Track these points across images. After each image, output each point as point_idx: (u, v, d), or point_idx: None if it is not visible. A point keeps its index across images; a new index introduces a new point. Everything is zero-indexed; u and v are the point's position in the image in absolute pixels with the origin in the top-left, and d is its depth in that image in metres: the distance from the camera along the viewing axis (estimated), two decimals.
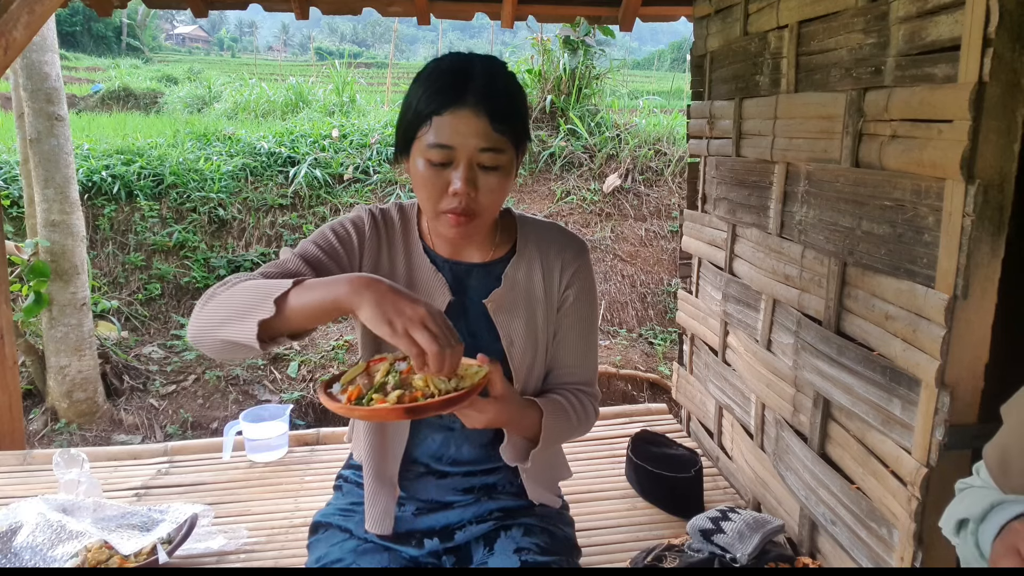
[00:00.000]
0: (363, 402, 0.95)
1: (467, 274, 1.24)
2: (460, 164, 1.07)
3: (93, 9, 2.77)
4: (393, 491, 1.27)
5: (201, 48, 42.13)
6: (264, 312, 0.94)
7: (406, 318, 0.91)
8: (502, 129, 1.07)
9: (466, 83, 1.06)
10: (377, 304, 0.91)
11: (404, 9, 2.93)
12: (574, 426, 1.25)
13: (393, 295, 0.92)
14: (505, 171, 1.10)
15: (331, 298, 0.94)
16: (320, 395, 0.98)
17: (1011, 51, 1.14)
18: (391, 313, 0.91)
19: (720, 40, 2.24)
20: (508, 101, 1.09)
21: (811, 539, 1.75)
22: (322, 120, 7.61)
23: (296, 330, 0.99)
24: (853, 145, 1.51)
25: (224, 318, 0.98)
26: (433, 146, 1.06)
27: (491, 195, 1.10)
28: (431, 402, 0.93)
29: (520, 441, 1.19)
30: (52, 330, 4.07)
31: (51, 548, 1.57)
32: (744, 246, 2.10)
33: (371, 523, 1.27)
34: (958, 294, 1.23)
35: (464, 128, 1.05)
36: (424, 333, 0.90)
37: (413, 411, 0.92)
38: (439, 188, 1.08)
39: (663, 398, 4.60)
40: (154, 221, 5.54)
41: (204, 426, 4.29)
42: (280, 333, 0.98)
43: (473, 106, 1.05)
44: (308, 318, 0.96)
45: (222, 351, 1.02)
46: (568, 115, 6.70)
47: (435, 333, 0.91)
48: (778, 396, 1.88)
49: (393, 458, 1.27)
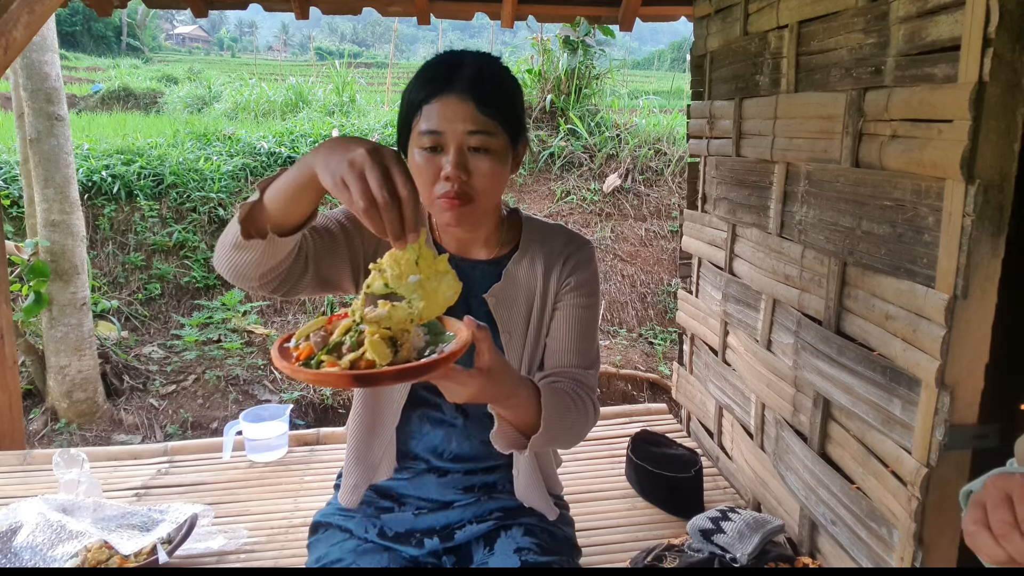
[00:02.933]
0: (311, 364, 0.81)
1: (472, 270, 1.25)
2: (450, 149, 1.07)
3: (93, 9, 2.77)
4: (370, 471, 1.28)
5: (201, 48, 42.13)
6: (251, 197, 0.96)
7: (345, 163, 0.80)
8: (490, 113, 1.08)
9: (454, 72, 1.09)
10: (328, 154, 0.83)
11: (404, 9, 2.93)
12: (573, 415, 1.15)
13: (343, 140, 0.84)
14: (497, 156, 1.10)
15: (296, 169, 0.90)
16: (273, 350, 0.84)
17: (1011, 51, 1.14)
18: (333, 160, 0.81)
19: (720, 40, 2.24)
20: (496, 87, 1.10)
21: (811, 539, 1.75)
22: (322, 120, 7.61)
23: (283, 221, 0.97)
24: (853, 145, 1.51)
25: (228, 230, 1.00)
26: (423, 133, 1.08)
27: (485, 179, 1.10)
28: (385, 370, 0.77)
29: (511, 431, 1.08)
30: (52, 330, 4.07)
31: (51, 548, 1.57)
32: (744, 246, 2.10)
33: (342, 495, 1.31)
34: (958, 294, 1.23)
35: (451, 113, 1.07)
36: (357, 183, 0.79)
37: (363, 379, 0.78)
38: (432, 175, 1.09)
39: (663, 398, 4.60)
40: (154, 221, 5.54)
41: (204, 426, 4.29)
42: (270, 223, 0.96)
43: (460, 92, 1.07)
44: (288, 201, 0.93)
45: (233, 262, 1.00)
46: (568, 115, 6.71)
47: (369, 183, 0.79)
48: (778, 396, 1.88)
49: (378, 439, 1.27)
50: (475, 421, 1.27)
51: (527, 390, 1.05)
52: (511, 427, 1.07)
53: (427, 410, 1.27)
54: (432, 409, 1.27)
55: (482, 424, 1.26)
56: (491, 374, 0.92)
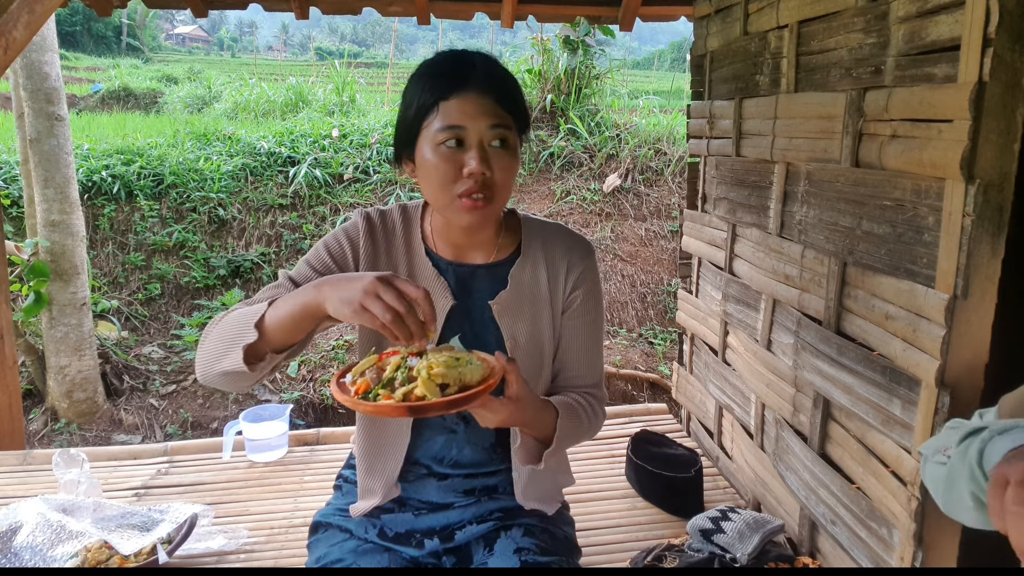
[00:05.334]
0: (369, 397, 0.95)
1: (471, 276, 1.24)
2: (472, 144, 1.08)
3: (93, 9, 2.77)
4: (388, 490, 1.28)
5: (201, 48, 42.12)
6: (248, 337, 1.01)
7: (360, 294, 0.93)
8: (508, 108, 1.10)
9: (468, 70, 1.09)
10: (334, 291, 0.96)
11: (404, 9, 2.93)
12: (585, 429, 1.24)
13: (347, 278, 0.96)
14: (513, 151, 1.12)
15: (299, 305, 0.99)
16: (332, 384, 0.99)
17: (1011, 51, 1.14)
18: (347, 295, 0.94)
19: (720, 40, 2.24)
20: (509, 84, 1.12)
21: (811, 539, 1.75)
22: (322, 120, 7.61)
23: (283, 345, 1.05)
24: (853, 145, 1.51)
25: (219, 353, 1.05)
26: (443, 129, 1.07)
27: (504, 174, 1.10)
28: (434, 402, 0.91)
29: (532, 443, 1.17)
30: (52, 330, 4.07)
31: (51, 548, 1.57)
32: (744, 246, 2.10)
33: (356, 511, 1.31)
34: (958, 294, 1.23)
35: (472, 109, 1.07)
36: (377, 304, 0.92)
37: (416, 410, 0.91)
38: (452, 172, 1.08)
39: (663, 398, 4.60)
40: (154, 221, 5.55)
41: (204, 426, 4.29)
42: (268, 352, 1.04)
43: (478, 88, 1.08)
44: (289, 331, 1.02)
45: (225, 383, 1.08)
46: (568, 115, 6.71)
47: (387, 303, 0.92)
48: (778, 396, 1.88)
49: (394, 459, 1.27)
50: (475, 428, 1.26)
51: (548, 413, 1.15)
52: (533, 440, 1.17)
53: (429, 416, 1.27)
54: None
55: (482, 432, 1.26)
56: (519, 403, 1.03)
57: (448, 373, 0.94)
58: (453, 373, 0.95)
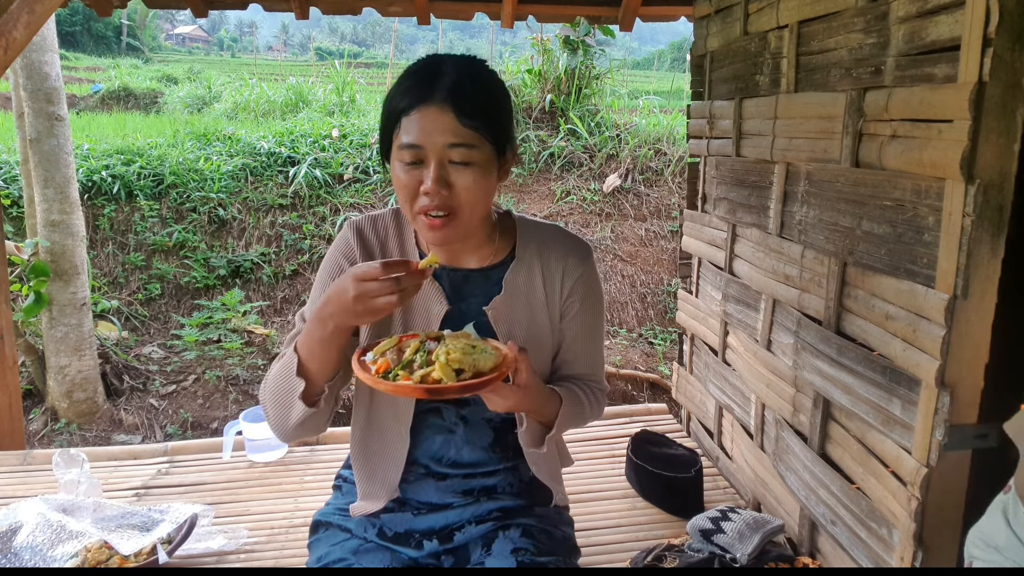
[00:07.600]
0: (389, 377, 1.00)
1: (465, 280, 1.23)
2: (430, 163, 1.06)
3: (93, 9, 2.77)
4: (389, 495, 1.28)
5: (201, 48, 42.11)
6: (298, 388, 1.10)
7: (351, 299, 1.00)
8: (472, 124, 1.05)
9: (433, 81, 1.06)
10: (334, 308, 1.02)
11: (404, 9, 2.93)
12: (586, 416, 1.29)
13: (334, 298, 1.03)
14: (481, 168, 1.07)
15: (317, 337, 1.07)
16: (353, 361, 1.04)
17: (1011, 51, 1.14)
18: (341, 303, 1.01)
19: (720, 40, 2.24)
20: (477, 95, 1.07)
21: (811, 539, 1.75)
22: (322, 120, 7.60)
23: (330, 375, 1.12)
24: (853, 145, 1.51)
25: (283, 415, 1.14)
26: (404, 147, 1.06)
27: (468, 192, 1.07)
28: (450, 385, 0.96)
29: (537, 427, 1.21)
30: (52, 330, 4.06)
31: (51, 548, 1.57)
32: (744, 246, 2.10)
33: (356, 511, 1.32)
34: (958, 294, 1.23)
35: (430, 125, 1.04)
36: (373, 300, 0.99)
37: (433, 392, 0.96)
38: (412, 189, 1.08)
39: (663, 398, 4.60)
40: (154, 221, 5.54)
41: (204, 426, 4.29)
42: (322, 385, 1.12)
43: (439, 103, 1.04)
44: (326, 360, 1.09)
45: (307, 431, 1.17)
46: (568, 115, 6.71)
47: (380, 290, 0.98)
48: (778, 396, 1.88)
49: (394, 466, 1.27)
50: (474, 428, 1.27)
51: (553, 400, 1.20)
52: (537, 424, 1.21)
53: (429, 416, 1.27)
54: (434, 415, 1.27)
55: (481, 431, 1.27)
56: (527, 390, 1.08)
57: (464, 359, 0.99)
58: (468, 360, 1.00)
